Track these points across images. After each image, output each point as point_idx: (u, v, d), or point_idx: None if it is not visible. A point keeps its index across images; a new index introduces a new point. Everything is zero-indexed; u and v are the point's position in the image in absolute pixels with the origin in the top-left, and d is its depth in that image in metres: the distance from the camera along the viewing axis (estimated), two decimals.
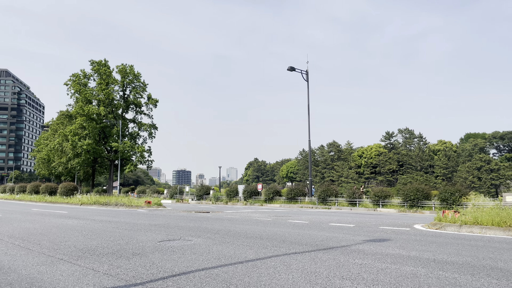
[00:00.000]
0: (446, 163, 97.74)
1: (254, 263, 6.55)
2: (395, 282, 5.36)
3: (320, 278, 5.51)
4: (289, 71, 36.55)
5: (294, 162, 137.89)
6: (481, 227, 11.69)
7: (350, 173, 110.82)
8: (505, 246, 8.93)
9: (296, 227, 13.16)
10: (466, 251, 8.04)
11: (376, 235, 10.86)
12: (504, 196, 22.12)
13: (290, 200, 37.38)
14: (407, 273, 5.93)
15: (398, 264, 6.56)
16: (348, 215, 21.80)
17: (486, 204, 19.65)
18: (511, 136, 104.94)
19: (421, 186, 29.51)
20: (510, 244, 9.28)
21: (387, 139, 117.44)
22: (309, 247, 8.47)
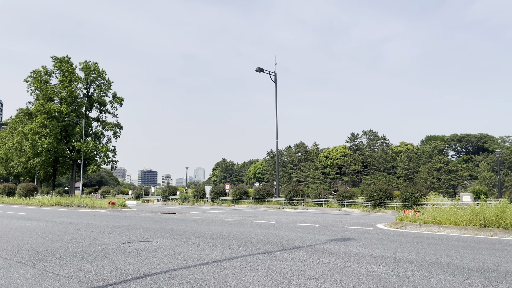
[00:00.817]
0: (407, 164, 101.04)
1: (220, 264, 6.54)
2: (358, 280, 5.50)
3: (285, 278, 5.57)
4: (257, 72, 36.69)
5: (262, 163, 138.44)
6: (440, 226, 12.18)
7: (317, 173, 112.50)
8: (461, 244, 9.34)
9: (263, 227, 13.24)
10: (425, 249, 8.35)
11: (340, 234, 11.10)
12: (461, 196, 23.16)
13: (257, 201, 37.52)
14: (369, 271, 6.09)
15: (360, 263, 6.73)
16: (314, 215, 22.13)
17: (444, 204, 20.49)
18: (468, 138, 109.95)
19: (384, 187, 30.38)
20: (466, 242, 9.71)
21: (352, 141, 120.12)
22: (275, 247, 8.54)
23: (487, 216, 11.54)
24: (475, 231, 11.34)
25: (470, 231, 11.41)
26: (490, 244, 9.24)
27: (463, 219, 11.95)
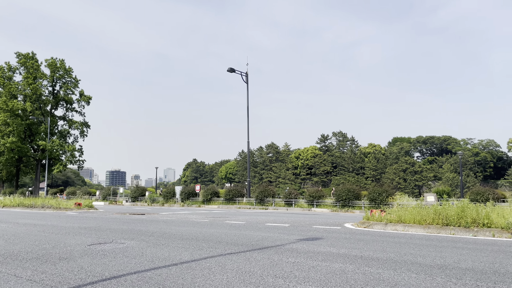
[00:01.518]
0: (375, 165, 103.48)
1: (189, 265, 6.51)
2: (325, 278, 5.60)
3: (254, 277, 5.61)
4: (229, 72, 36.65)
5: (233, 163, 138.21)
6: (404, 225, 12.56)
7: (287, 174, 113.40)
8: (424, 242, 9.67)
9: (233, 227, 13.25)
10: (390, 248, 8.59)
11: (309, 234, 11.26)
12: (425, 196, 23.95)
13: (228, 201, 37.46)
14: (336, 269, 6.22)
15: (328, 262, 6.86)
16: (284, 215, 22.32)
17: (409, 204, 21.11)
18: (433, 140, 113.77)
19: (352, 187, 31.01)
20: (429, 240, 10.06)
21: (322, 142, 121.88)
22: (245, 247, 8.58)
23: (449, 216, 11.99)
24: (438, 229, 11.77)
25: (433, 230, 11.82)
26: (451, 242, 9.62)
27: (426, 218, 12.38)
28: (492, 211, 12.02)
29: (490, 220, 11.33)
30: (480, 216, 11.52)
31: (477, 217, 11.53)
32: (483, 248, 8.72)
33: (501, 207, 13.02)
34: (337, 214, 25.45)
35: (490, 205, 12.55)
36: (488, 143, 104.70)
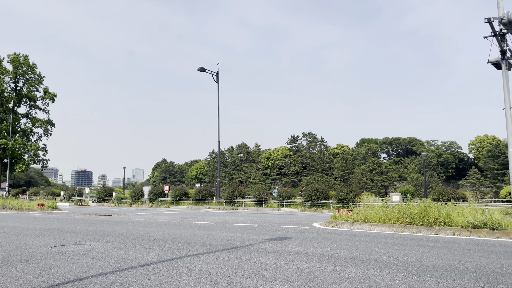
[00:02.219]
0: (344, 166, 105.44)
1: (156, 266, 6.43)
2: (292, 277, 5.68)
3: (222, 278, 5.61)
4: (199, 71, 36.41)
5: (203, 163, 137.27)
6: (370, 224, 12.88)
7: (258, 174, 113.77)
8: (389, 241, 9.95)
9: (202, 228, 13.18)
10: (356, 247, 8.80)
11: (278, 233, 11.36)
12: (391, 196, 24.64)
13: (198, 202, 37.20)
14: (303, 268, 6.31)
15: (296, 261, 6.95)
16: (253, 215, 22.40)
17: (376, 203, 21.64)
18: (398, 142, 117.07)
19: (321, 187, 31.49)
20: (393, 239, 10.37)
21: (292, 142, 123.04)
22: (213, 247, 8.56)
23: (412, 215, 12.39)
24: (402, 228, 12.14)
25: (397, 229, 12.19)
26: (414, 241, 9.94)
27: (391, 218, 12.74)
28: (453, 210, 12.51)
29: (451, 219, 11.80)
30: (442, 215, 11.97)
31: (438, 216, 11.98)
32: (444, 246, 9.07)
33: (461, 207, 13.56)
34: (306, 214, 25.77)
35: (451, 205, 13.06)
36: (450, 144, 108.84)
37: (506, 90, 13.62)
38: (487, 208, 20.89)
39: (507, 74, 13.63)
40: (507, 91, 13.61)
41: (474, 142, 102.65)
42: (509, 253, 8.04)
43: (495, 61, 13.83)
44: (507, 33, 13.01)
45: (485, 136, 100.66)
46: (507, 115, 13.56)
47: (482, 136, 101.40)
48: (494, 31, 13.00)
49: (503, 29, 12.85)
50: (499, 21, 12.56)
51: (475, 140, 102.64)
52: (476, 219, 11.32)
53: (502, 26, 12.75)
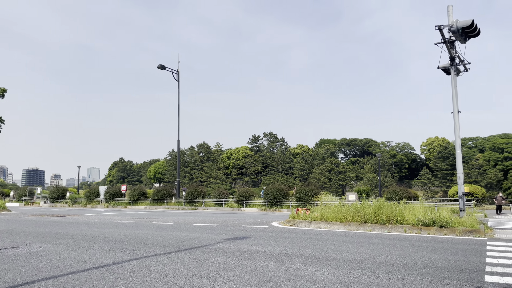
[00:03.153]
0: (303, 166, 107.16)
1: (111, 268, 6.27)
2: (249, 277, 5.71)
3: (179, 279, 5.55)
4: (159, 69, 35.77)
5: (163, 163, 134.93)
6: (327, 223, 13.19)
7: (219, 174, 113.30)
8: (344, 239, 10.23)
9: (160, 228, 12.97)
10: (313, 245, 8.98)
11: (237, 233, 11.38)
12: (347, 195, 25.32)
13: (156, 202, 36.53)
14: (261, 267, 6.36)
15: (253, 260, 6.99)
16: (213, 215, 22.30)
17: (333, 202, 22.17)
18: (355, 143, 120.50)
19: (280, 187, 31.85)
20: (348, 237, 10.67)
21: (253, 142, 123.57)
22: (171, 248, 8.45)
23: (367, 213, 12.81)
24: (357, 226, 12.52)
25: (352, 227, 12.55)
26: (368, 238, 10.28)
27: (347, 216, 13.11)
28: (405, 209, 13.05)
29: (403, 217, 12.30)
30: (394, 213, 12.46)
31: (391, 215, 12.46)
32: (396, 243, 9.44)
33: (413, 205, 14.16)
34: (265, 213, 25.96)
35: (403, 204, 13.63)
36: (404, 146, 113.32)
37: (454, 95, 14.39)
38: (437, 207, 21.95)
39: (455, 79, 14.40)
40: (455, 96, 14.38)
41: (425, 144, 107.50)
42: (455, 249, 8.49)
43: (445, 67, 14.58)
44: (456, 40, 13.75)
45: (436, 138, 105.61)
46: (455, 118, 14.33)
47: (433, 138, 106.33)
48: (444, 38, 13.69)
49: (452, 37, 13.57)
50: (448, 28, 13.26)
51: (427, 142, 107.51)
52: (425, 217, 11.87)
53: (451, 33, 13.46)
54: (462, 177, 14.40)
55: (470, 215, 13.68)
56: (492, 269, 6.30)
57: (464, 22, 12.95)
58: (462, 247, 8.83)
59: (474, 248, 8.61)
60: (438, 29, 13.30)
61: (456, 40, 13.72)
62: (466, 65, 14.65)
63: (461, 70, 14.81)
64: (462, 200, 13.97)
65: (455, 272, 6.09)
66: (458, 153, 14.51)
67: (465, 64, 14.60)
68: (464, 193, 14.44)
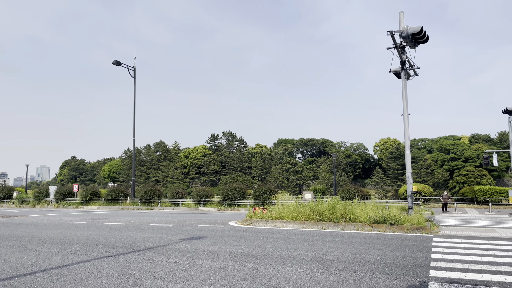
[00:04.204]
0: (262, 165, 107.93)
1: (59, 270, 6.03)
2: (205, 276, 5.70)
3: (132, 280, 5.44)
4: (114, 65, 34.73)
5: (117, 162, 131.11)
6: (283, 221, 13.38)
7: (176, 173, 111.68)
8: (299, 237, 10.43)
9: (113, 229, 12.61)
10: (268, 244, 9.08)
11: (194, 233, 11.29)
12: (304, 194, 25.79)
13: (110, 202, 35.46)
14: (216, 267, 6.36)
15: (209, 260, 6.98)
16: (169, 215, 21.97)
17: (290, 201, 22.50)
18: (312, 143, 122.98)
19: (238, 186, 31.89)
20: (304, 235, 10.88)
21: (212, 141, 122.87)
22: (124, 249, 8.25)
23: (321, 212, 13.12)
24: (312, 225, 12.79)
25: (308, 225, 12.81)
26: (322, 236, 10.54)
27: (302, 215, 13.36)
28: (357, 207, 13.49)
29: (356, 215, 12.71)
30: (348, 212, 12.85)
31: (345, 213, 12.83)
32: (349, 240, 9.75)
33: (365, 204, 14.65)
34: (223, 212, 25.92)
35: (355, 202, 14.07)
36: (358, 146, 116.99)
37: (404, 98, 15.07)
38: (388, 205, 22.84)
39: (405, 83, 15.08)
40: (405, 99, 15.05)
41: (378, 144, 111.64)
42: (404, 246, 8.89)
43: (396, 71, 15.22)
44: (406, 45, 14.40)
45: (388, 138, 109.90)
46: (405, 120, 14.99)
47: (386, 139, 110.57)
48: (395, 43, 14.30)
49: (403, 42, 14.19)
50: (399, 34, 13.86)
51: (380, 143, 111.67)
52: (377, 215, 12.34)
53: (402, 39, 14.08)
54: (411, 176, 15.08)
55: (417, 213, 14.35)
56: (437, 264, 6.66)
57: (414, 29, 13.57)
58: (410, 243, 9.26)
59: (421, 245, 9.05)
60: (389, 35, 13.86)
61: (406, 45, 14.34)
62: (415, 69, 15.36)
63: (411, 74, 15.51)
64: (411, 199, 14.63)
65: (403, 268, 6.38)
66: (407, 154, 15.17)
67: (415, 68, 15.30)
68: (413, 192, 15.13)
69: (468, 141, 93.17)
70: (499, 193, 33.13)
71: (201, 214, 23.58)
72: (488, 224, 15.05)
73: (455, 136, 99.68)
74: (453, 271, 6.15)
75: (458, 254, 7.69)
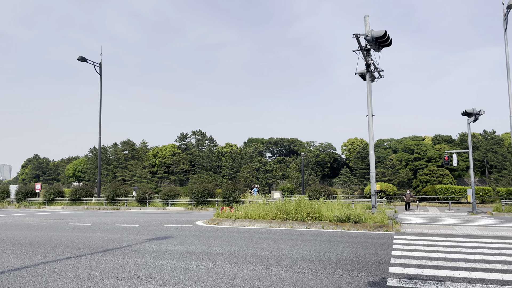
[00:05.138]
0: (231, 164, 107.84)
1: (18, 272, 5.85)
2: (169, 276, 5.68)
3: (93, 281, 5.36)
4: (80, 61, 33.79)
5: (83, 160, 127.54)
6: (251, 221, 13.46)
7: (144, 172, 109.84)
8: (266, 236, 10.53)
9: (76, 230, 12.31)
10: (235, 243, 9.13)
11: (160, 233, 11.18)
12: (272, 193, 25.97)
13: (75, 202, 34.50)
14: (181, 267, 6.35)
15: (174, 260, 6.95)
16: (136, 215, 21.63)
17: (258, 201, 22.64)
18: (282, 142, 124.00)
19: (207, 185, 31.75)
20: (270, 234, 10.99)
21: (181, 140, 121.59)
22: (87, 250, 8.08)
23: (288, 211, 13.30)
24: (279, 223, 12.94)
25: (275, 224, 12.95)
26: (288, 235, 10.69)
27: (270, 214, 13.49)
28: (323, 206, 13.75)
29: (321, 214, 12.96)
30: (314, 210, 13.08)
31: (311, 212, 13.06)
32: (314, 239, 9.93)
33: (331, 203, 14.96)
34: (191, 212, 25.75)
35: (322, 201, 14.33)
36: (326, 146, 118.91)
37: (369, 99, 15.48)
38: (353, 204, 23.39)
39: (370, 85, 15.50)
40: (370, 100, 15.47)
41: (346, 144, 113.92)
42: (366, 243, 9.15)
43: (361, 73, 15.62)
44: (371, 48, 14.80)
45: (355, 139, 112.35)
46: (369, 121, 15.41)
47: (353, 139, 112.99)
48: (360, 46, 14.67)
49: (368, 45, 14.59)
50: (364, 37, 14.23)
51: (347, 142, 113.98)
52: (341, 213, 12.63)
53: (367, 42, 14.46)
54: (375, 176, 15.51)
55: (381, 211, 14.78)
56: (396, 261, 6.91)
57: (378, 32, 13.96)
58: (372, 241, 9.54)
59: (383, 242, 9.35)
60: (355, 37, 14.20)
61: (371, 48, 14.73)
62: (380, 72, 15.80)
63: (376, 76, 15.95)
64: (374, 198, 15.05)
65: (364, 265, 6.58)
66: (371, 154, 15.59)
67: (379, 71, 15.74)
68: (377, 191, 15.57)
69: (431, 142, 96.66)
70: (459, 192, 34.56)
71: (168, 214, 23.34)
72: (447, 222, 15.70)
73: (419, 136, 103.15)
74: (411, 267, 6.40)
75: (417, 251, 8.00)
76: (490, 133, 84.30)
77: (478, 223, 15.41)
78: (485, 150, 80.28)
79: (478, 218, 19.21)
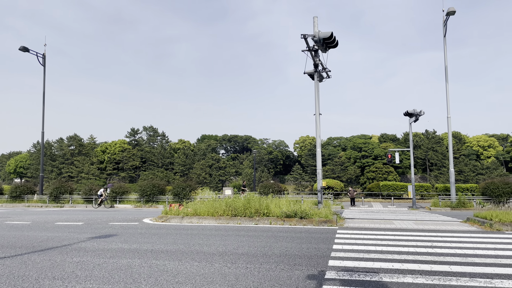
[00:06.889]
0: (184, 161, 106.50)
1: None
2: (109, 275, 5.58)
3: (28, 281, 5.16)
4: (21, 51, 31.93)
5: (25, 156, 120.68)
6: (199, 217, 13.44)
7: (92, 169, 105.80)
8: (213, 232, 10.57)
9: (14, 228, 11.70)
10: (181, 240, 9.09)
11: (104, 231, 10.89)
12: (224, 190, 26.04)
13: (15, 199, 32.64)
14: (122, 265, 6.25)
15: (116, 258, 6.82)
16: (80, 212, 20.86)
17: (209, 197, 22.60)
18: (236, 139, 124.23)
19: (157, 182, 31.17)
20: (218, 230, 11.04)
21: (132, 136, 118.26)
22: (24, 249, 7.73)
23: (237, 207, 13.41)
24: (228, 220, 13.02)
25: (223, 221, 13.01)
26: (236, 231, 10.79)
27: (218, 211, 13.54)
28: (272, 202, 14.00)
29: (269, 210, 13.19)
30: (262, 207, 13.29)
31: (259, 208, 13.26)
32: (260, 234, 10.11)
33: (280, 199, 15.25)
34: (140, 209, 25.21)
35: (270, 197, 14.58)
36: (279, 143, 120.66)
37: (316, 99, 15.92)
38: (303, 200, 23.98)
39: (318, 84, 15.94)
40: (317, 99, 15.91)
41: (298, 142, 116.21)
42: (310, 238, 9.45)
43: (310, 72, 16.02)
44: (318, 49, 15.21)
45: (307, 136, 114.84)
46: (317, 120, 15.85)
47: (305, 137, 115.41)
48: (308, 46, 15.05)
49: (315, 46, 14.99)
50: (312, 38, 14.61)
51: (299, 140, 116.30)
52: (289, 209, 12.93)
53: (314, 43, 14.85)
54: (321, 172, 15.99)
55: (326, 207, 15.28)
56: (336, 254, 7.21)
57: (325, 34, 14.38)
58: (316, 235, 9.87)
59: (326, 236, 9.69)
60: (303, 38, 14.54)
61: (319, 49, 15.14)
62: (328, 72, 16.28)
63: (324, 76, 16.42)
64: (320, 194, 15.52)
65: (305, 259, 6.81)
66: (318, 151, 16.04)
67: (327, 71, 16.22)
68: (324, 187, 16.08)
69: (377, 140, 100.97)
70: (401, 188, 36.40)
71: (115, 211, 22.71)
72: (388, 217, 16.53)
73: (366, 135, 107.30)
74: (350, 260, 6.71)
75: (356, 245, 8.39)
76: (431, 133, 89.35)
77: (416, 217, 16.35)
78: (426, 148, 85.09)
79: (416, 213, 20.37)
